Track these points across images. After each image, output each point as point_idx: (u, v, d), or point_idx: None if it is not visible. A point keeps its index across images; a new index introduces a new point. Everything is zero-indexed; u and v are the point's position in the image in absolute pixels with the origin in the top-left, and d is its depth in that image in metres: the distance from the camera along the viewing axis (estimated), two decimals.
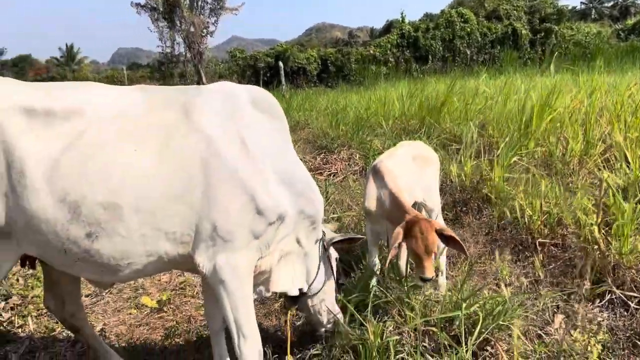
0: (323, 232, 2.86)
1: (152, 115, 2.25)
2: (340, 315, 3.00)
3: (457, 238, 2.80)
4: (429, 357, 2.66)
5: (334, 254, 3.06)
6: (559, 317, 3.07)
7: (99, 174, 2.09)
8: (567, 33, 28.85)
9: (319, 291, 2.92)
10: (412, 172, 3.47)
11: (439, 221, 3.57)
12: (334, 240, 2.91)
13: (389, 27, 35.54)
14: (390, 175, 3.21)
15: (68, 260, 2.19)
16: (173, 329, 3.59)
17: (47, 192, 2.06)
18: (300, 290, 2.78)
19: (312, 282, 2.84)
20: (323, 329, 3.07)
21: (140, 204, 2.12)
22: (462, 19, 28.93)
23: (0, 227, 2.12)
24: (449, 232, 2.81)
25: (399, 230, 2.80)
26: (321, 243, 2.84)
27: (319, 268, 2.83)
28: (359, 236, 2.95)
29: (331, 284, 3.01)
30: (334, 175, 7.11)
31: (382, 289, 3.10)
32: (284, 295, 2.95)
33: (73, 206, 2.07)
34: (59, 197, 2.06)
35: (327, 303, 2.98)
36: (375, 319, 2.82)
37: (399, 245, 2.80)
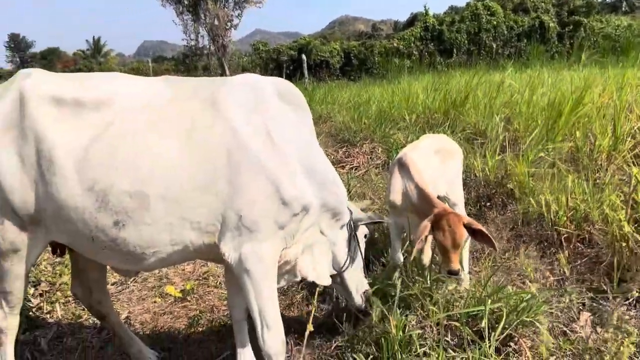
0: (350, 212, 2.85)
1: (179, 106, 2.28)
2: (370, 291, 3.03)
3: (486, 232, 2.78)
4: (452, 351, 2.64)
5: (363, 230, 3.06)
6: (585, 315, 3.03)
7: (126, 164, 2.13)
8: (596, 26, 28.14)
9: (347, 269, 2.92)
10: (435, 165, 3.45)
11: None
12: (360, 223, 2.92)
13: (413, 20, 35.21)
14: (416, 167, 3.20)
15: (95, 248, 2.24)
16: (196, 318, 3.64)
17: (76, 181, 2.11)
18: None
19: (343, 265, 2.86)
20: (354, 305, 3.06)
21: (166, 193, 2.15)
22: (489, 12, 28.46)
23: (29, 214, 2.19)
24: (477, 225, 2.80)
25: (427, 224, 2.80)
26: (349, 224, 2.84)
27: (349, 249, 2.85)
28: (384, 220, 2.94)
29: (359, 262, 3.01)
30: (356, 169, 7.10)
31: (405, 282, 3.09)
32: None
33: (101, 195, 2.11)
34: (87, 186, 2.11)
35: (355, 280, 2.99)
36: (398, 313, 2.81)
37: (425, 238, 2.79)
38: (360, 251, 3.03)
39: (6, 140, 2.14)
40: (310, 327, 2.69)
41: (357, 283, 3.01)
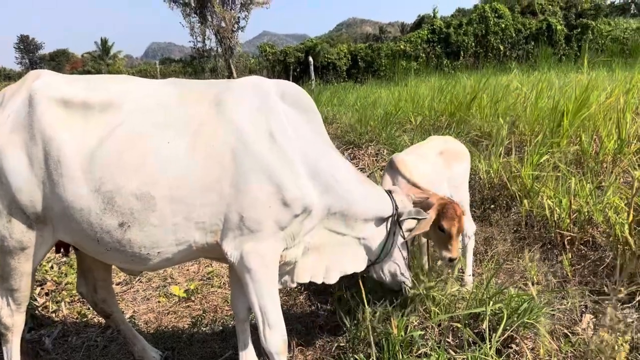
0: (396, 205, 2.82)
1: (185, 108, 2.31)
2: (408, 282, 3.00)
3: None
4: (452, 352, 2.65)
5: (409, 224, 2.96)
6: (587, 317, 3.03)
7: (133, 165, 2.16)
8: (604, 29, 28.01)
9: (385, 261, 2.91)
10: (437, 167, 3.45)
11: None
12: (402, 218, 2.84)
13: (420, 23, 35.20)
14: (406, 167, 3.23)
15: (100, 248, 2.28)
16: (200, 318, 3.66)
17: (83, 182, 2.15)
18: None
19: (377, 259, 2.85)
20: (389, 286, 3.06)
21: (173, 195, 2.18)
22: (496, 15, 28.41)
23: (36, 213, 2.23)
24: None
25: (433, 211, 2.84)
26: (391, 218, 2.81)
27: (385, 242, 2.81)
28: (424, 215, 2.84)
29: (399, 254, 2.95)
30: (361, 171, 7.12)
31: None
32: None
33: (107, 196, 2.15)
34: (94, 187, 2.15)
35: (394, 270, 2.95)
36: (399, 314, 2.83)
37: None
38: (400, 246, 2.93)
39: (15, 141, 2.18)
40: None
41: (393, 273, 2.96)
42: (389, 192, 2.88)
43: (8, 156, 2.17)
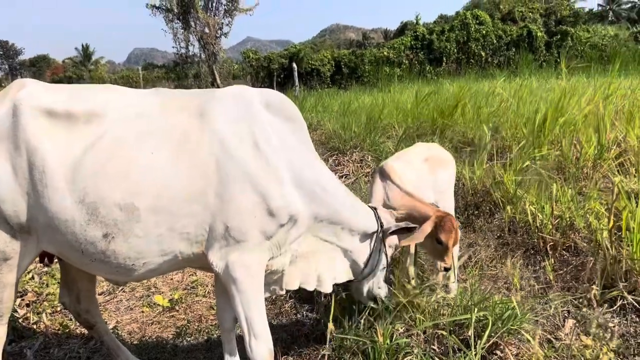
0: (381, 222, 2.84)
1: (168, 118, 2.31)
2: (382, 293, 3.03)
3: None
4: None
5: (393, 240, 3.00)
6: (570, 322, 3.06)
7: (118, 176, 2.15)
8: (583, 35, 28.52)
9: (368, 279, 2.92)
10: (422, 173, 3.47)
11: None
12: (391, 230, 2.87)
13: (403, 29, 35.50)
14: (397, 175, 3.26)
15: (85, 259, 2.26)
16: (184, 328, 3.63)
17: (67, 192, 2.13)
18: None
19: (363, 270, 2.85)
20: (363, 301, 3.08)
21: (157, 205, 2.17)
22: (477, 21, 28.77)
23: (21, 224, 2.20)
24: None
25: (430, 224, 2.91)
26: (377, 234, 2.84)
27: (369, 258, 2.84)
28: (413, 225, 2.90)
29: (380, 272, 2.99)
30: (346, 177, 7.12)
31: (392, 291, 3.11)
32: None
33: (91, 207, 2.13)
34: (78, 198, 2.13)
35: (370, 286, 2.98)
36: (385, 322, 2.83)
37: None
38: (386, 260, 2.97)
39: None
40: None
41: (371, 288, 3.00)
42: (374, 209, 2.90)
43: None
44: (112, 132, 2.21)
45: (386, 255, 2.94)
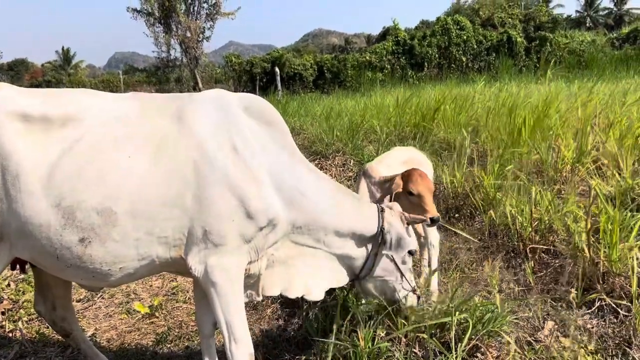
0: (382, 225, 2.71)
1: (146, 122, 2.30)
2: (407, 301, 2.83)
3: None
4: None
5: (407, 243, 2.78)
6: (549, 324, 3.09)
7: (94, 180, 2.13)
8: (561, 41, 29.03)
9: (368, 280, 2.80)
10: None
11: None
12: (407, 221, 2.76)
13: (385, 34, 35.72)
14: (378, 174, 3.42)
15: (60, 265, 2.22)
16: (164, 335, 3.59)
17: (42, 197, 2.10)
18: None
19: (360, 272, 2.76)
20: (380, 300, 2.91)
21: (134, 209, 2.16)
22: (458, 27, 29.12)
23: None
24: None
25: (399, 179, 3.10)
26: (377, 237, 2.71)
27: (365, 261, 2.73)
28: (421, 217, 2.84)
29: (391, 273, 2.80)
30: None
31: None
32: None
33: (68, 211, 2.11)
34: (53, 202, 2.10)
35: (383, 289, 2.84)
36: (366, 325, 2.82)
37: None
38: (392, 264, 2.79)
39: None
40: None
41: (382, 291, 2.84)
42: (381, 210, 2.78)
43: None
44: (90, 136, 2.19)
45: (392, 259, 2.76)
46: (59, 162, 2.13)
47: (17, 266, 2.50)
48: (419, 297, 2.90)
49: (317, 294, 2.68)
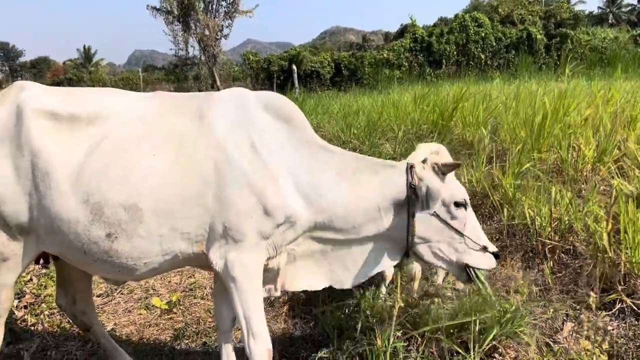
0: (411, 183, 2.45)
1: (169, 121, 2.36)
2: (478, 258, 2.54)
3: None
4: None
5: (453, 194, 2.51)
6: (568, 326, 3.06)
7: (119, 177, 2.20)
8: (583, 38, 28.59)
9: (419, 244, 2.53)
10: None
11: None
12: (441, 170, 2.50)
13: (402, 31, 35.52)
14: None
15: (87, 259, 2.30)
16: (182, 330, 3.62)
17: (71, 194, 2.18)
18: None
19: (408, 241, 2.48)
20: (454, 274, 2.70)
21: (158, 206, 2.22)
22: (477, 24, 28.83)
23: (20, 224, 2.24)
24: None
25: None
26: (407, 200, 2.46)
27: (408, 226, 2.46)
28: (454, 162, 2.54)
29: (439, 233, 2.52)
30: None
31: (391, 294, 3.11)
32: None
33: (96, 207, 2.18)
34: (82, 199, 2.18)
35: (441, 253, 2.55)
36: (383, 324, 2.82)
37: None
38: (441, 220, 2.50)
39: (0, 152, 2.21)
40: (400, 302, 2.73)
41: (441, 256, 2.55)
42: (411, 167, 2.51)
43: None
44: (114, 135, 2.26)
45: (435, 216, 2.49)
46: (86, 159, 2.20)
47: (41, 260, 2.56)
48: (496, 256, 2.58)
49: (346, 283, 2.59)
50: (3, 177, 2.20)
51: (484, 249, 2.54)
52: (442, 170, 2.50)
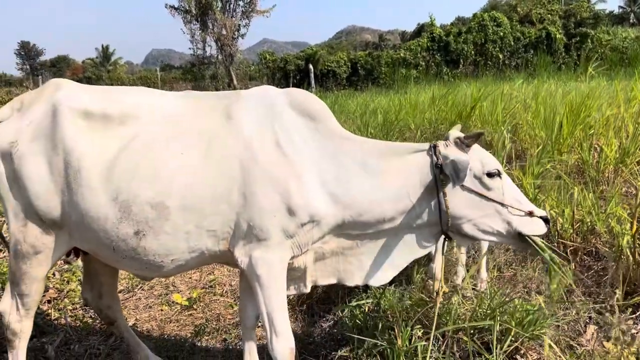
0: (436, 162, 2.39)
1: (197, 120, 2.40)
2: (526, 224, 2.44)
3: None
4: None
5: (480, 165, 2.43)
6: (592, 328, 3.02)
7: (149, 175, 2.24)
8: (603, 38, 28.17)
9: (464, 221, 2.43)
10: None
11: None
12: (465, 143, 2.42)
13: (420, 31, 35.35)
14: None
15: (116, 256, 2.35)
16: (202, 327, 3.66)
17: (101, 191, 2.24)
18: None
19: (442, 223, 2.42)
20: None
21: (186, 204, 2.25)
22: (495, 23, 28.57)
23: (52, 219, 2.32)
24: None
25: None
26: (438, 173, 2.38)
27: (439, 207, 2.39)
28: (475, 132, 2.46)
29: (475, 204, 2.42)
30: None
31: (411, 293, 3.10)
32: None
33: (124, 205, 2.23)
34: (111, 196, 2.23)
35: (489, 223, 2.43)
36: (404, 324, 2.82)
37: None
38: (477, 194, 2.41)
39: (36, 149, 2.28)
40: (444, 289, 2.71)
41: (487, 230, 2.45)
42: (434, 147, 2.46)
43: (28, 163, 2.27)
44: (145, 134, 2.31)
45: (470, 190, 2.40)
46: (117, 158, 2.26)
47: (72, 253, 2.62)
48: (546, 220, 2.48)
49: (381, 278, 2.56)
50: (37, 174, 2.27)
51: (530, 214, 2.44)
52: (465, 143, 2.43)
